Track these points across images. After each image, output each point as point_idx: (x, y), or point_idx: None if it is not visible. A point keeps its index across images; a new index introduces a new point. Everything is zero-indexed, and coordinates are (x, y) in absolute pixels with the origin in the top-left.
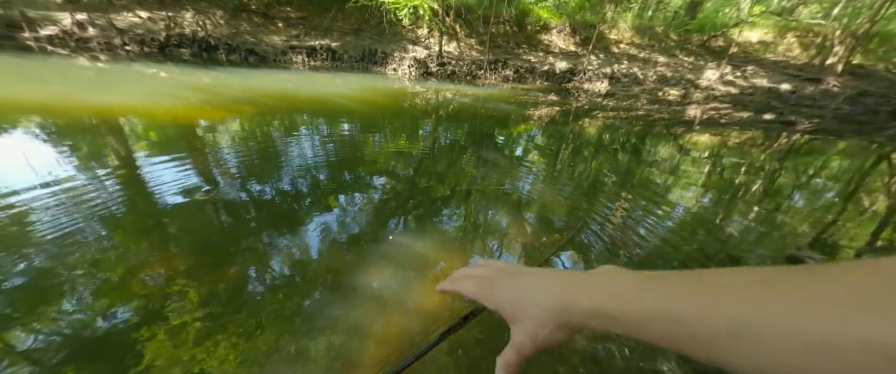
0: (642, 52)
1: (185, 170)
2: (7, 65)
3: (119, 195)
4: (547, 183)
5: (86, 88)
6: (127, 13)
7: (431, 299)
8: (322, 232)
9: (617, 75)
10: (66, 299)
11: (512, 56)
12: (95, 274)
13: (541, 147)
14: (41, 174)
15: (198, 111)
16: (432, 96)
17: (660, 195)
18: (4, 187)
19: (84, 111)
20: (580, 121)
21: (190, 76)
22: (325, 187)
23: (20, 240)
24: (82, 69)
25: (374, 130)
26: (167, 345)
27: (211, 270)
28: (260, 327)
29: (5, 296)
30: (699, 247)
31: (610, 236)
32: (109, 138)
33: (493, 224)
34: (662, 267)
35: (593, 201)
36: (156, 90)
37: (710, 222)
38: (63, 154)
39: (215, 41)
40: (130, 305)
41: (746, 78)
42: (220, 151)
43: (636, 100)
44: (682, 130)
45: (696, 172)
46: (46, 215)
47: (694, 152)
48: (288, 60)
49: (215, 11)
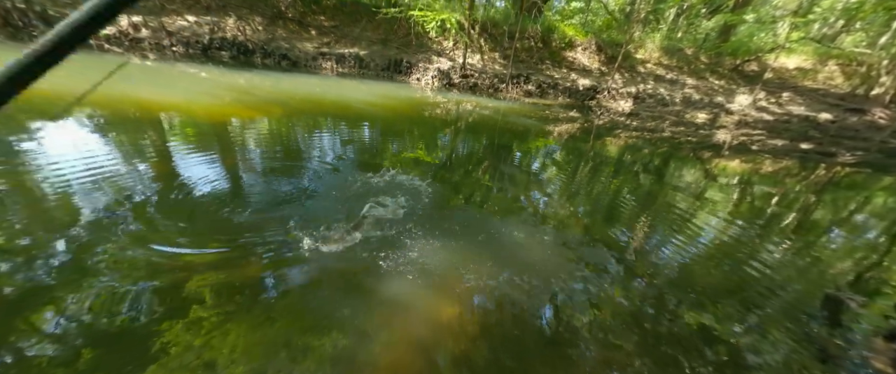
0: (670, 73)
1: (213, 163)
2: (71, 60)
3: (151, 181)
4: (563, 200)
5: (135, 84)
6: (177, 17)
7: (443, 310)
8: (330, 231)
9: (642, 95)
10: (92, 261)
11: (535, 71)
12: (129, 250)
13: (559, 163)
14: (86, 159)
15: (232, 110)
16: (453, 107)
17: (684, 221)
18: (56, 166)
19: (130, 105)
20: (601, 139)
21: (227, 77)
22: (337, 186)
23: (62, 211)
24: (132, 66)
25: (393, 136)
26: (186, 332)
27: (227, 263)
28: (270, 319)
29: (57, 251)
30: (726, 278)
31: (628, 261)
32: (150, 132)
33: (505, 238)
34: (682, 298)
35: (612, 221)
36: (196, 89)
37: (739, 252)
38: (107, 142)
39: (253, 45)
40: (149, 287)
41: (781, 105)
42: (247, 147)
43: (661, 121)
44: (711, 155)
45: (724, 199)
46: (84, 194)
47: (722, 178)
48: (317, 66)
49: (255, 18)
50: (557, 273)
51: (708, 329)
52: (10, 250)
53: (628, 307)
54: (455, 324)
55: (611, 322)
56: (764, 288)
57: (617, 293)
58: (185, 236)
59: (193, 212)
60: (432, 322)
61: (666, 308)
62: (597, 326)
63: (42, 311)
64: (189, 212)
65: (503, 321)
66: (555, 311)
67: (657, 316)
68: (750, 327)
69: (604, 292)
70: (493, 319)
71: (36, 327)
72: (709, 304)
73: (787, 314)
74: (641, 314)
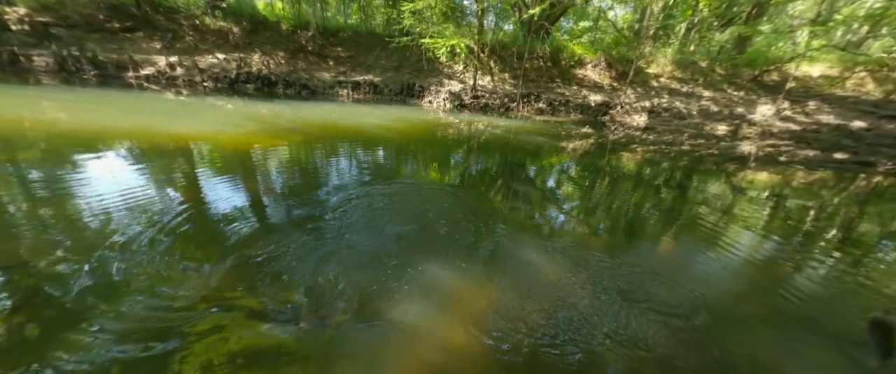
0: (685, 87)
1: (237, 188)
2: (112, 98)
3: (181, 206)
4: (581, 217)
5: (168, 118)
6: (208, 55)
7: (457, 332)
8: (344, 251)
9: (657, 109)
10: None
11: (545, 89)
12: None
13: (575, 179)
14: (122, 186)
15: (255, 138)
16: (465, 127)
17: (713, 237)
18: (97, 193)
19: (164, 137)
20: (617, 154)
21: (251, 108)
22: (350, 208)
23: (102, 234)
24: (167, 102)
25: (405, 157)
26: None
27: (243, 270)
28: (283, 351)
29: (94, 272)
30: (762, 302)
31: (653, 281)
32: (180, 160)
33: (519, 258)
34: (713, 321)
35: (632, 238)
36: (223, 120)
37: (774, 272)
38: (142, 171)
39: (275, 78)
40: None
41: (808, 114)
42: (269, 172)
43: (679, 134)
44: (736, 167)
45: (754, 214)
46: (123, 217)
47: (751, 191)
48: (335, 93)
49: (278, 52)
50: (577, 296)
51: (743, 359)
52: (50, 273)
53: (656, 330)
54: (474, 344)
55: (638, 351)
56: (803, 312)
57: (642, 315)
58: (190, 280)
59: (208, 247)
60: (446, 349)
61: (695, 330)
62: (622, 356)
63: (77, 331)
64: (204, 246)
65: (521, 347)
66: (576, 337)
67: (685, 340)
68: (789, 355)
69: (628, 315)
70: (510, 346)
71: (71, 346)
72: (743, 330)
73: (830, 341)
74: (670, 338)
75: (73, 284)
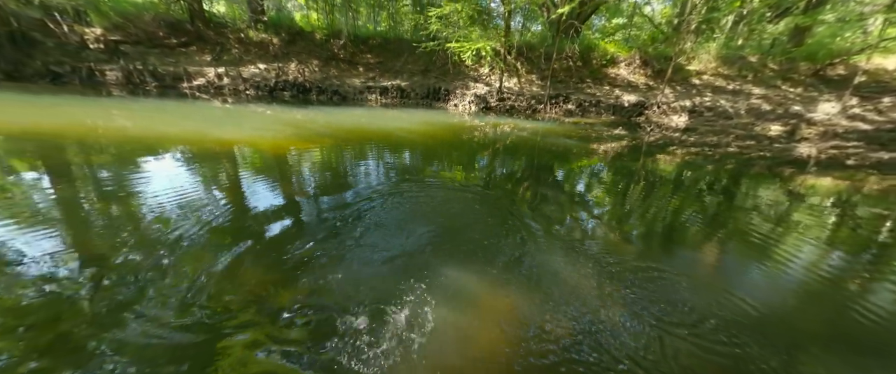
0: (731, 84)
1: (273, 188)
2: (169, 107)
3: (223, 204)
4: (614, 224)
5: (216, 124)
6: (251, 65)
7: (481, 337)
8: (370, 252)
9: (699, 108)
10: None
11: (574, 90)
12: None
13: (605, 183)
14: (176, 185)
15: (290, 142)
16: (489, 130)
17: (765, 248)
18: (153, 193)
19: (212, 142)
20: (653, 156)
21: (288, 114)
22: (375, 209)
23: (159, 231)
24: (215, 109)
25: (431, 160)
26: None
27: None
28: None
29: (158, 262)
30: (827, 323)
31: (693, 294)
32: (225, 162)
33: (546, 265)
34: (770, 344)
35: (671, 248)
36: (262, 125)
37: (840, 289)
38: (193, 172)
39: (310, 85)
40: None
41: (882, 111)
42: (302, 174)
43: (725, 135)
44: (792, 172)
45: (816, 224)
46: (176, 212)
47: (811, 198)
48: (364, 99)
49: (312, 61)
50: (609, 309)
51: None
52: (115, 262)
53: (698, 352)
54: (503, 344)
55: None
56: (874, 336)
57: (683, 336)
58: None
59: (244, 242)
60: (466, 356)
61: (748, 354)
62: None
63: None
64: (240, 241)
65: (544, 359)
66: (607, 356)
67: (732, 362)
68: None
69: (666, 335)
70: (533, 358)
71: (127, 323)
72: (799, 353)
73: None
74: (714, 361)
75: (133, 273)
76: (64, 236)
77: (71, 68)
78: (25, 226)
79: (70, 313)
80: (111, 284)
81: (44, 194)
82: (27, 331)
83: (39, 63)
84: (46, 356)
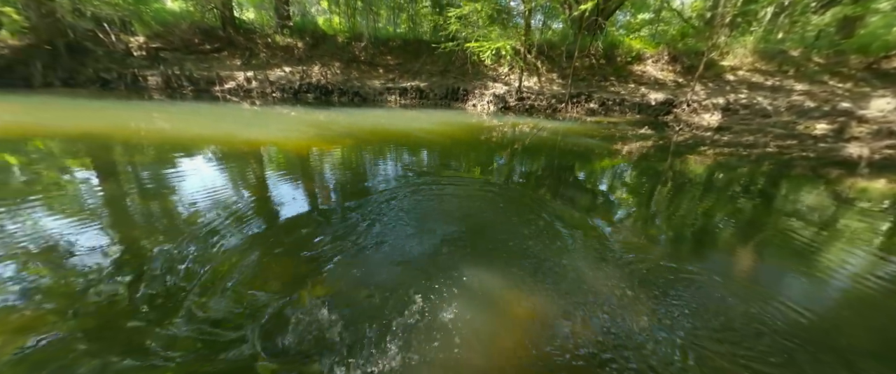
0: (770, 80)
1: (297, 187)
2: (203, 110)
3: (250, 201)
4: (639, 227)
5: (245, 126)
6: (277, 69)
7: (500, 340)
8: (390, 249)
9: (733, 106)
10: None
11: (597, 89)
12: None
13: (630, 184)
14: (208, 184)
15: (313, 142)
16: (508, 130)
17: (808, 255)
18: (188, 190)
19: (241, 143)
20: (682, 157)
21: (311, 115)
22: (394, 208)
23: (192, 225)
24: (244, 112)
25: (448, 160)
26: None
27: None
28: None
29: (187, 254)
30: (880, 335)
31: (731, 302)
32: (252, 162)
33: (571, 266)
34: (817, 358)
35: (703, 253)
36: (287, 126)
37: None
38: (223, 171)
39: (332, 87)
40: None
41: None
42: (324, 173)
43: (763, 134)
44: (840, 174)
45: (867, 229)
46: (208, 209)
47: (862, 202)
48: (383, 100)
49: (334, 63)
50: (638, 318)
51: None
52: (152, 253)
53: (740, 365)
54: (521, 348)
55: None
56: None
57: (723, 348)
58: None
59: (270, 240)
60: (486, 355)
61: (795, 365)
62: None
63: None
64: (266, 239)
65: (565, 369)
66: (642, 364)
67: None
68: None
69: (702, 346)
70: (553, 366)
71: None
72: (844, 369)
73: None
74: (764, 370)
75: (168, 264)
76: (109, 228)
77: (117, 74)
78: (76, 219)
79: (114, 300)
80: (150, 273)
81: (92, 190)
82: (75, 316)
83: (91, 70)
84: (94, 339)
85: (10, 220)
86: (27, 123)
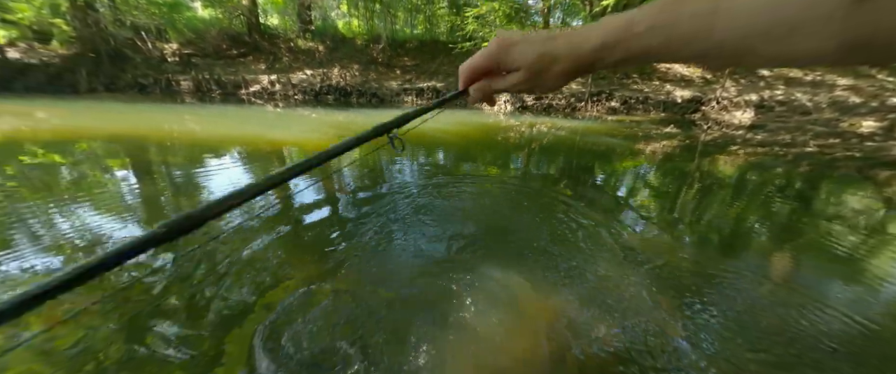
0: (809, 75)
1: (317, 187)
2: (230, 112)
3: (273, 200)
4: (664, 229)
5: (268, 127)
6: (299, 72)
7: (524, 341)
8: (410, 246)
9: (768, 103)
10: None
11: (618, 86)
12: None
13: (654, 185)
14: (235, 181)
15: (333, 143)
16: (525, 130)
17: (852, 262)
18: (216, 187)
19: (265, 143)
20: (710, 157)
21: (331, 116)
22: (410, 208)
23: (219, 223)
24: (267, 113)
25: (464, 160)
26: None
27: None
28: None
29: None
30: None
31: (757, 311)
32: (275, 161)
33: (594, 269)
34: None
35: (733, 257)
36: (308, 127)
37: None
38: (248, 170)
39: (350, 89)
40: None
41: None
42: (342, 173)
43: (801, 133)
44: (890, 175)
45: None
46: (233, 211)
47: None
48: (400, 100)
49: (353, 65)
50: (667, 319)
51: None
52: (180, 248)
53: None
54: (537, 348)
55: None
56: None
57: (758, 356)
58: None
59: (291, 236)
60: (506, 347)
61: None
62: None
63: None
64: (287, 235)
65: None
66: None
67: None
68: None
69: (739, 355)
70: (573, 369)
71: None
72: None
73: None
74: None
75: (196, 257)
76: (145, 222)
77: (153, 80)
78: (115, 214)
79: (147, 288)
80: (181, 265)
81: (130, 188)
82: (107, 301)
83: (130, 76)
84: (128, 324)
85: (59, 215)
86: (74, 125)
